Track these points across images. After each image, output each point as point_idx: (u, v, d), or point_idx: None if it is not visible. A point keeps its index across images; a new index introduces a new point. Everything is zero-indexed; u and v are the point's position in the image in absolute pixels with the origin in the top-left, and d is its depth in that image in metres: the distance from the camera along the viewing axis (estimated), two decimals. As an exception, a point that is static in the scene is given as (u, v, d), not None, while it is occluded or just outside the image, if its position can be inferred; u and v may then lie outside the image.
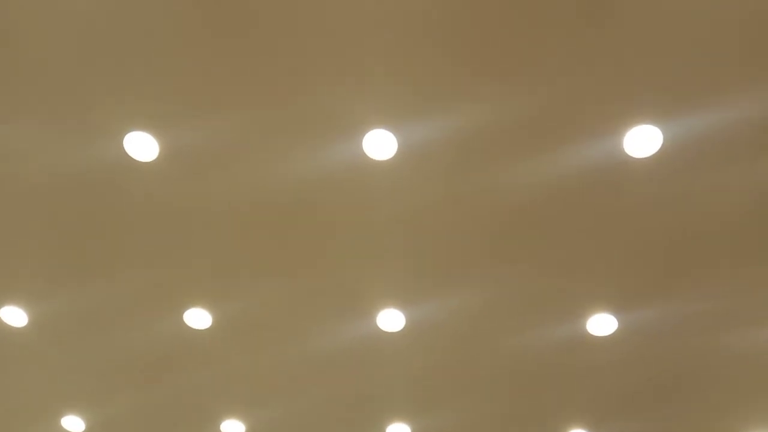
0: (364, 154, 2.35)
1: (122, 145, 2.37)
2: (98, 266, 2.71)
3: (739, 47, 2.10)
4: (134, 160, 2.40)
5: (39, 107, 2.33)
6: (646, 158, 2.30)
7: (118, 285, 2.76)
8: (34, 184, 2.51)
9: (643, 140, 2.27)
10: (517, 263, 2.61)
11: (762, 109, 2.20)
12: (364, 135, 2.32)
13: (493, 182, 2.41)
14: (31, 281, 2.83)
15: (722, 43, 2.09)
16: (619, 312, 2.71)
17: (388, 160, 2.37)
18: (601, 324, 2.74)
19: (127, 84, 2.25)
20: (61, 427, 3.34)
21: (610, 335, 2.77)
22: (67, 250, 2.68)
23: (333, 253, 2.62)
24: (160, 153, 2.39)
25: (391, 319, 2.78)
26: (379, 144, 2.34)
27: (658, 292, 2.66)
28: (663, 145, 2.27)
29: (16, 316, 2.90)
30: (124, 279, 2.74)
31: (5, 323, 2.93)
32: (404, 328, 2.80)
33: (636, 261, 2.57)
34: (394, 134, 2.31)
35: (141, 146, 2.37)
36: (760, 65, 2.13)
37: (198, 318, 2.84)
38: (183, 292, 2.78)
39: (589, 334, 2.77)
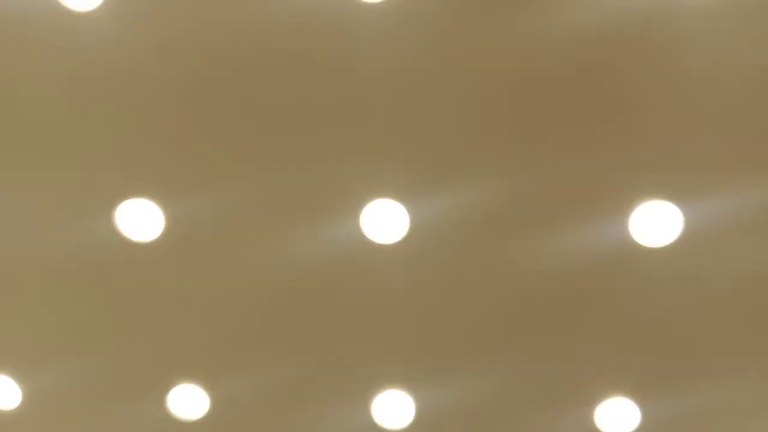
0: (368, 231, 2.32)
1: (119, 219, 2.34)
2: (91, 343, 2.65)
3: (758, 129, 2.08)
4: (132, 235, 2.37)
5: (35, 177, 2.30)
6: (657, 242, 2.25)
7: (110, 363, 2.68)
8: (27, 256, 2.46)
9: (654, 223, 2.22)
10: (525, 347, 2.54)
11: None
12: (368, 211, 2.29)
13: (500, 263, 2.36)
14: (23, 357, 2.73)
15: (738, 125, 2.08)
16: (630, 398, 2.59)
17: (391, 239, 2.33)
18: (610, 411, 2.63)
19: (127, 156, 2.24)
20: None
21: (620, 423, 2.65)
22: (59, 325, 2.62)
23: (334, 332, 2.56)
24: (161, 230, 2.36)
25: (396, 404, 2.68)
26: (384, 222, 2.31)
27: (672, 379, 2.56)
28: (676, 228, 2.22)
29: (8, 392, 2.82)
30: (117, 357, 2.67)
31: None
32: (413, 417, 2.69)
33: (648, 347, 2.50)
34: (399, 212, 2.28)
35: (139, 220, 2.34)
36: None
37: (190, 398, 2.75)
38: (172, 372, 2.70)
39: (596, 426, 2.67)
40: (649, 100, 2.07)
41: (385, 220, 2.31)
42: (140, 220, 2.33)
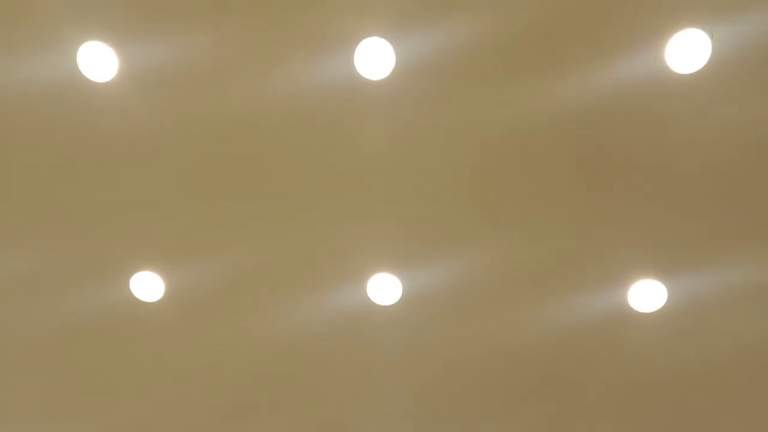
0: (369, 298, 2.36)
1: (129, 284, 2.37)
2: (93, 405, 2.67)
3: (745, 206, 2.14)
4: (139, 300, 2.39)
5: (38, 241, 2.34)
6: (650, 313, 2.29)
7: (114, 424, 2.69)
8: (33, 322, 2.49)
9: (647, 295, 2.27)
10: (523, 412, 2.57)
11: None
12: (368, 279, 2.33)
13: (499, 329, 2.40)
14: (25, 419, 2.75)
15: (726, 201, 2.14)
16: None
17: (391, 306, 2.37)
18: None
19: (131, 223, 2.28)
20: None
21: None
22: (64, 388, 2.65)
23: (335, 398, 2.58)
24: (164, 294, 2.38)
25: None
26: (384, 289, 2.35)
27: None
28: (667, 300, 2.27)
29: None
30: (120, 417, 2.68)
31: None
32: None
33: (642, 416, 2.53)
34: (399, 279, 2.33)
35: (146, 286, 2.37)
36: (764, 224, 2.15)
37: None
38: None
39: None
40: (634, 172, 2.11)
41: (382, 289, 2.34)
42: (145, 287, 2.36)
